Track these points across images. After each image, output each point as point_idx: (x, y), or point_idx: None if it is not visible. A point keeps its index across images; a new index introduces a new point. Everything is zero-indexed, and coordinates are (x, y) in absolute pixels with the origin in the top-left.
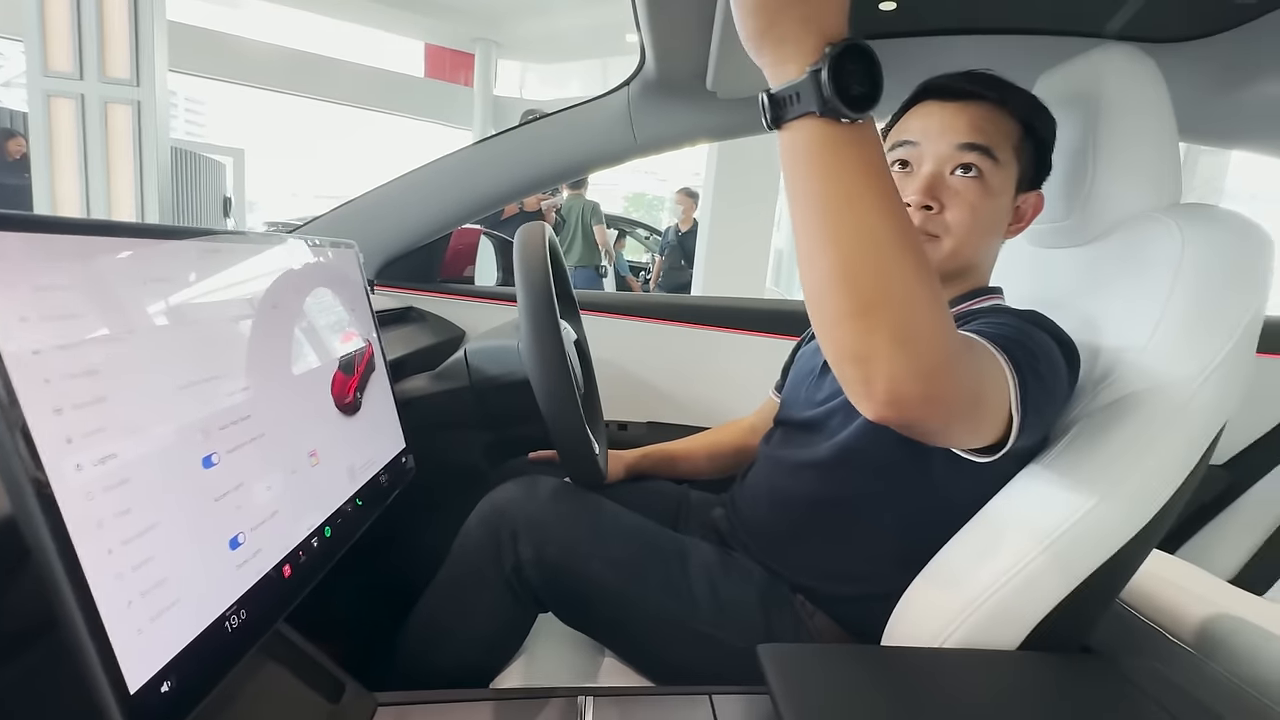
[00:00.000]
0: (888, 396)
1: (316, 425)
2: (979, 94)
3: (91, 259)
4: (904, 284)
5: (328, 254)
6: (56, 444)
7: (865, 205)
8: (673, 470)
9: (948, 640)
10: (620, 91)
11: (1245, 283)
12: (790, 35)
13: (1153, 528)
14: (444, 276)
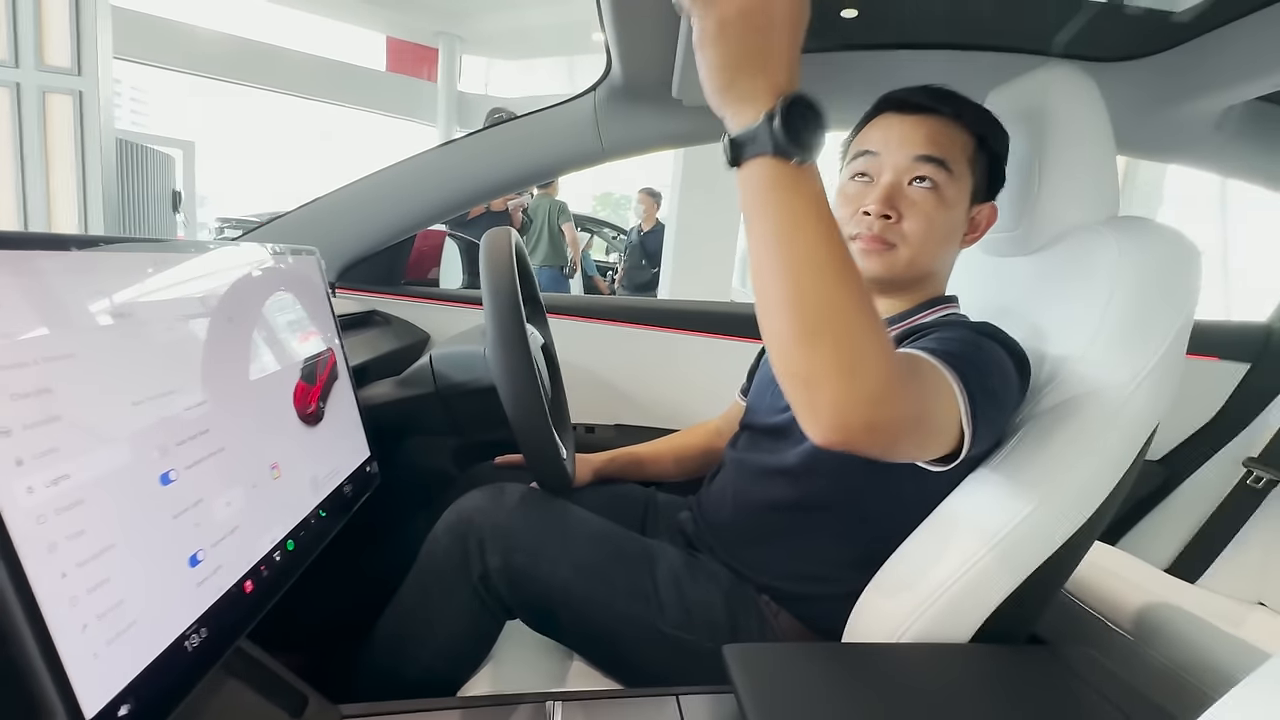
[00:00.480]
0: (832, 422)
1: (278, 437)
2: (935, 108)
3: (37, 274)
4: (845, 309)
5: (288, 261)
6: (6, 466)
7: (810, 235)
8: (640, 473)
9: (904, 635)
10: (587, 96)
11: (1175, 294)
12: (747, 90)
13: (1093, 524)
14: (408, 279)
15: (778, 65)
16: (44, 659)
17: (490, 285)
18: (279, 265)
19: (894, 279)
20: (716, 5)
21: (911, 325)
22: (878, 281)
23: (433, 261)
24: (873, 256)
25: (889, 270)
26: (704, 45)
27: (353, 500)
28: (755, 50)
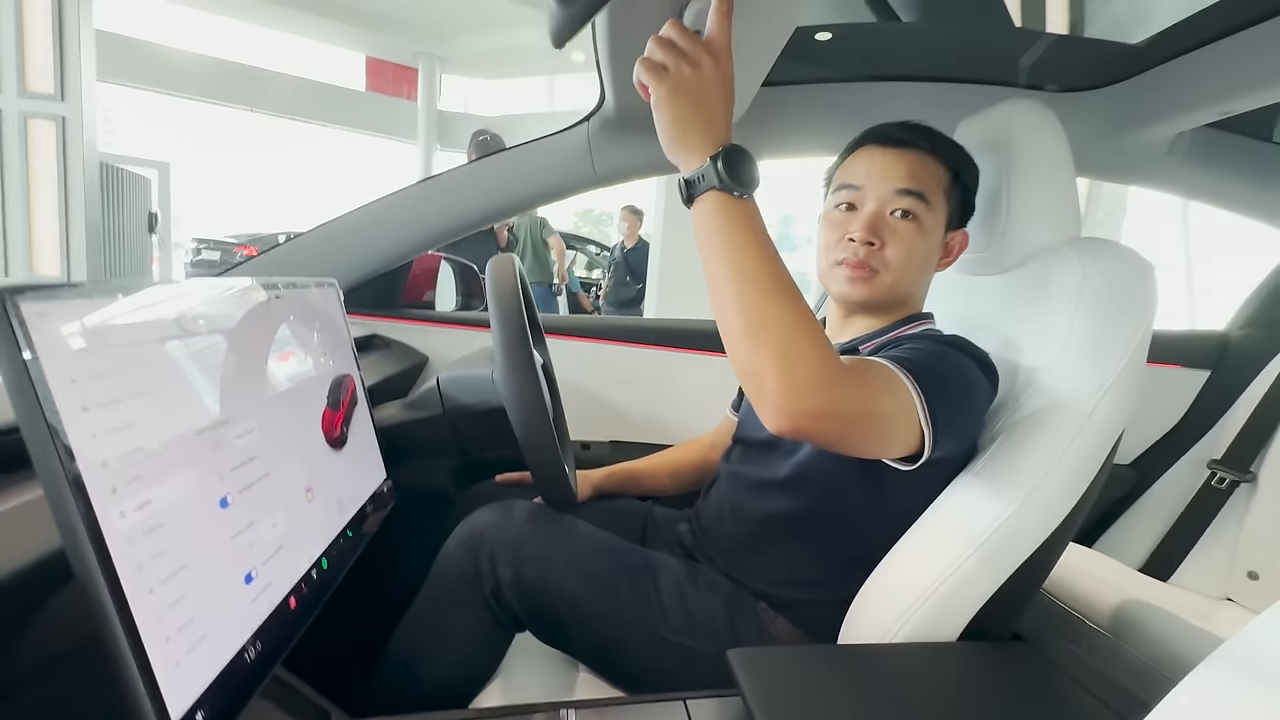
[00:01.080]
0: (778, 407)
1: (311, 461)
2: (915, 143)
3: (117, 320)
4: (779, 311)
5: (314, 294)
6: (104, 494)
7: (750, 253)
8: (637, 488)
9: (895, 636)
10: (581, 126)
11: (1134, 310)
12: (695, 142)
13: (1067, 525)
14: (405, 301)
15: (717, 123)
16: (138, 666)
17: (499, 313)
18: (307, 298)
19: (877, 302)
20: (667, 78)
21: (887, 339)
22: (862, 305)
23: (428, 284)
24: (858, 283)
25: (873, 294)
26: (659, 108)
27: (375, 518)
28: (699, 111)
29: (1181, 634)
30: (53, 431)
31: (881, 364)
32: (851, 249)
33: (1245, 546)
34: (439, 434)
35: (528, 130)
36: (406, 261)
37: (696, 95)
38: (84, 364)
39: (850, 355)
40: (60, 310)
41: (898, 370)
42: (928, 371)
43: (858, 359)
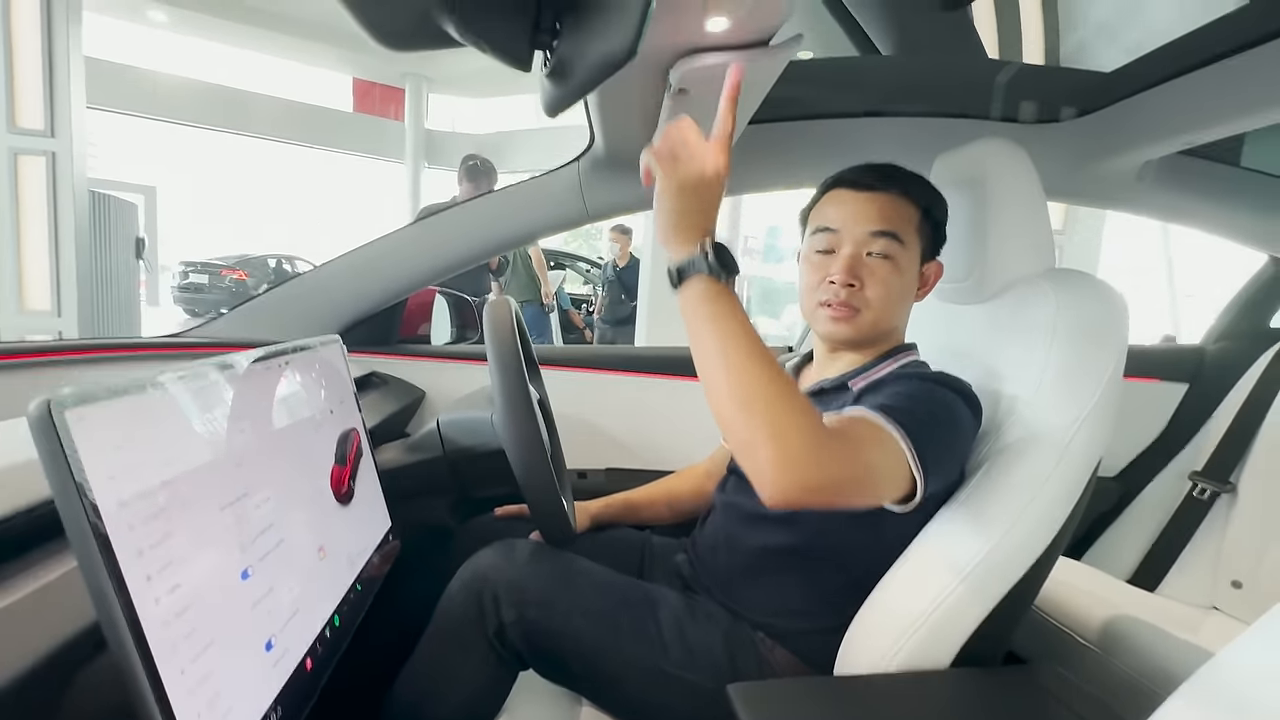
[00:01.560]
0: (774, 482)
1: (322, 521)
2: (884, 186)
3: (145, 412)
4: (766, 387)
5: (320, 353)
6: (140, 583)
7: (737, 334)
8: (634, 518)
9: (890, 665)
10: (571, 166)
11: (1107, 343)
12: (689, 233)
13: (1053, 548)
14: (401, 336)
15: (710, 215)
16: None
17: (497, 358)
18: (314, 359)
19: (861, 339)
20: (675, 173)
21: (874, 378)
22: (846, 342)
23: (423, 317)
24: (842, 323)
25: (857, 332)
26: (662, 196)
27: (381, 568)
28: (696, 205)
29: (1169, 648)
30: (94, 528)
31: (867, 419)
32: (833, 290)
33: (1228, 556)
34: (439, 474)
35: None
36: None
37: (697, 190)
38: (120, 460)
39: (833, 414)
40: (97, 414)
41: (883, 421)
42: (913, 416)
43: (844, 419)
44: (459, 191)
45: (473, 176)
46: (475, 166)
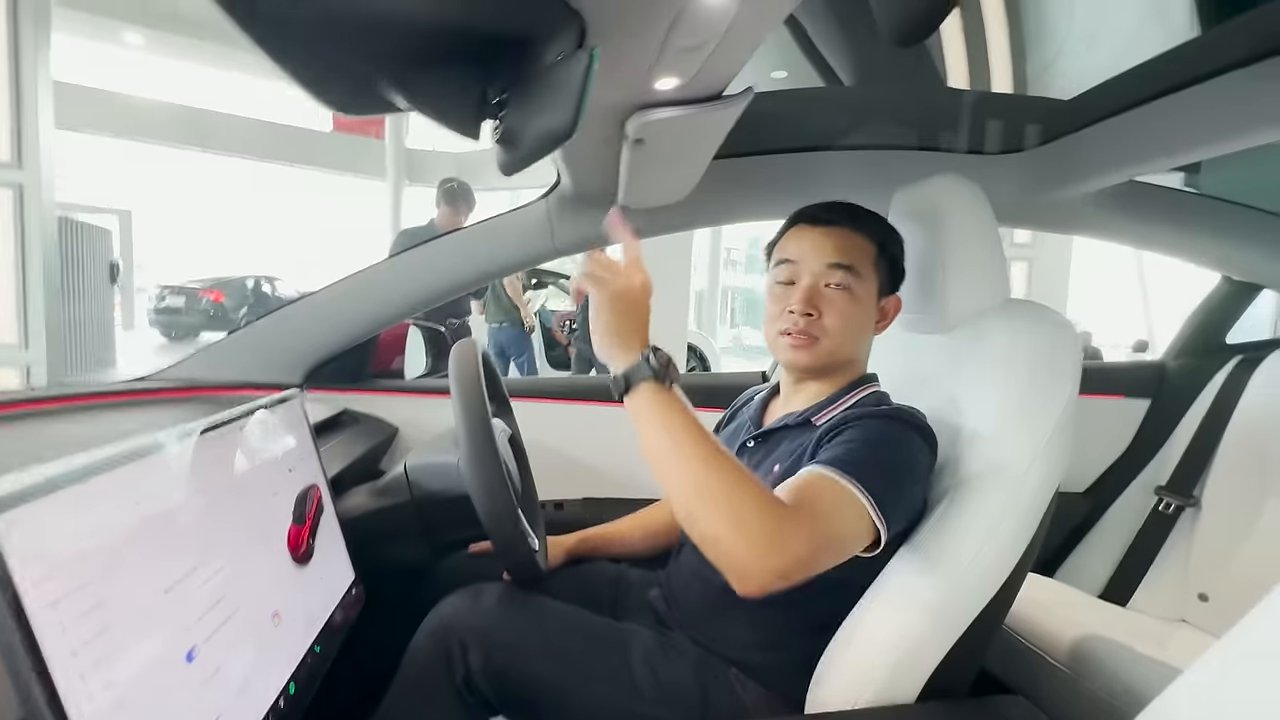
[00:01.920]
0: (742, 573)
1: (277, 585)
2: (840, 221)
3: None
4: (720, 480)
5: (277, 412)
6: (73, 682)
7: (687, 433)
8: (609, 550)
9: (860, 699)
10: (540, 203)
11: (1060, 373)
12: (625, 345)
13: (1017, 573)
14: (374, 371)
15: (642, 327)
16: None
17: (461, 403)
18: (268, 420)
19: (820, 367)
20: (606, 289)
21: (836, 412)
22: (806, 370)
23: (397, 351)
24: (801, 350)
25: (815, 359)
26: (598, 312)
27: (343, 628)
28: (630, 318)
29: (1136, 667)
30: (23, 634)
31: (824, 478)
32: (792, 319)
33: (1194, 569)
34: (408, 519)
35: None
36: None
37: (627, 304)
38: (53, 560)
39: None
40: (30, 515)
41: (840, 478)
42: (868, 465)
43: (802, 484)
44: (437, 214)
45: (450, 199)
46: (453, 189)
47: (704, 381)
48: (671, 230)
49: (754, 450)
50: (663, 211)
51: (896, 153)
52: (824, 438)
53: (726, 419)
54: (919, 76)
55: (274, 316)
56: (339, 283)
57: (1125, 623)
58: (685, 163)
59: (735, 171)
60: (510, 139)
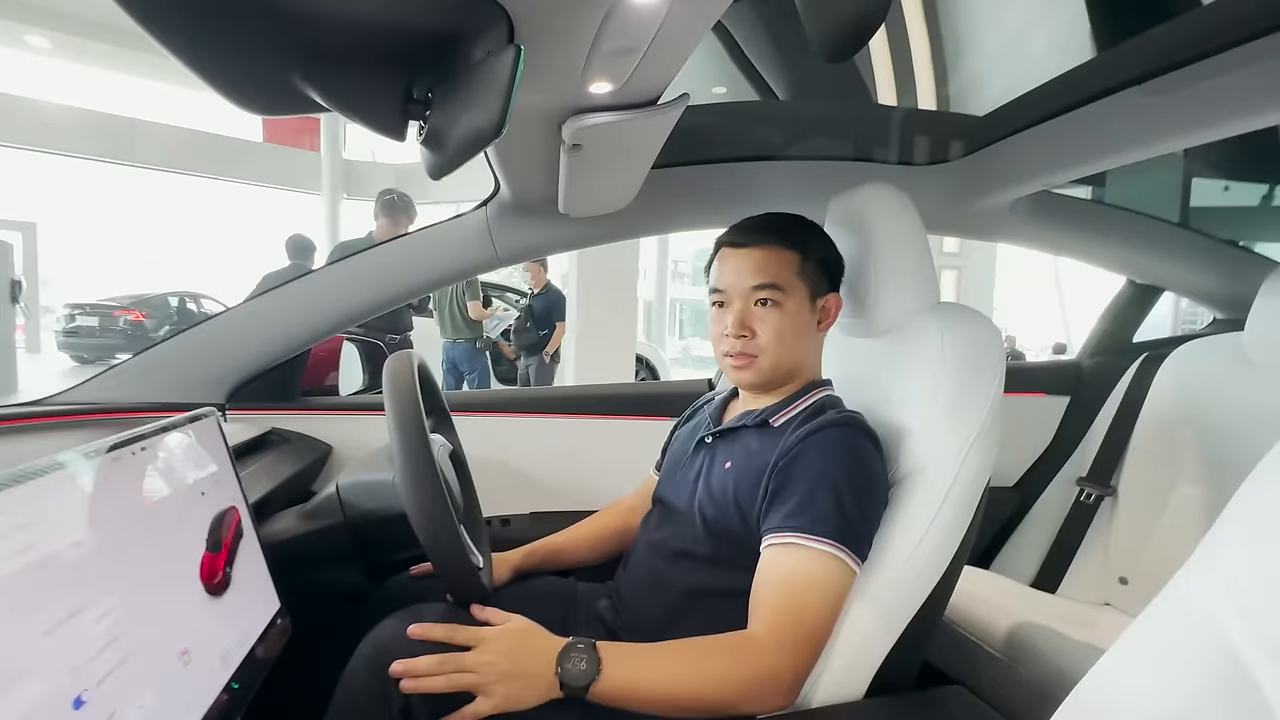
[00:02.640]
0: (770, 708)
1: (186, 620)
2: (759, 240)
3: None
4: (702, 685)
5: (187, 433)
6: None
7: (653, 681)
8: (557, 563)
9: (810, 698)
10: (479, 211)
11: (987, 369)
12: (542, 687)
13: (955, 565)
14: (305, 388)
15: (539, 658)
16: None
17: (396, 418)
18: (176, 442)
19: (765, 381)
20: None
21: (793, 413)
22: (753, 386)
23: (330, 367)
24: (742, 370)
25: (757, 376)
26: (503, 703)
27: (265, 662)
28: (518, 673)
29: (1066, 650)
30: None
31: (800, 557)
32: (730, 343)
33: (1115, 555)
34: (341, 542)
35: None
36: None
37: (509, 675)
38: None
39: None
40: None
41: (814, 544)
42: (838, 514)
43: (775, 569)
44: (375, 227)
45: (390, 211)
46: (392, 201)
47: (652, 390)
48: (614, 239)
49: (711, 446)
50: (605, 220)
51: (832, 163)
52: (778, 464)
53: (686, 417)
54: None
55: (192, 332)
56: (265, 295)
57: (1055, 609)
58: (624, 170)
59: (677, 181)
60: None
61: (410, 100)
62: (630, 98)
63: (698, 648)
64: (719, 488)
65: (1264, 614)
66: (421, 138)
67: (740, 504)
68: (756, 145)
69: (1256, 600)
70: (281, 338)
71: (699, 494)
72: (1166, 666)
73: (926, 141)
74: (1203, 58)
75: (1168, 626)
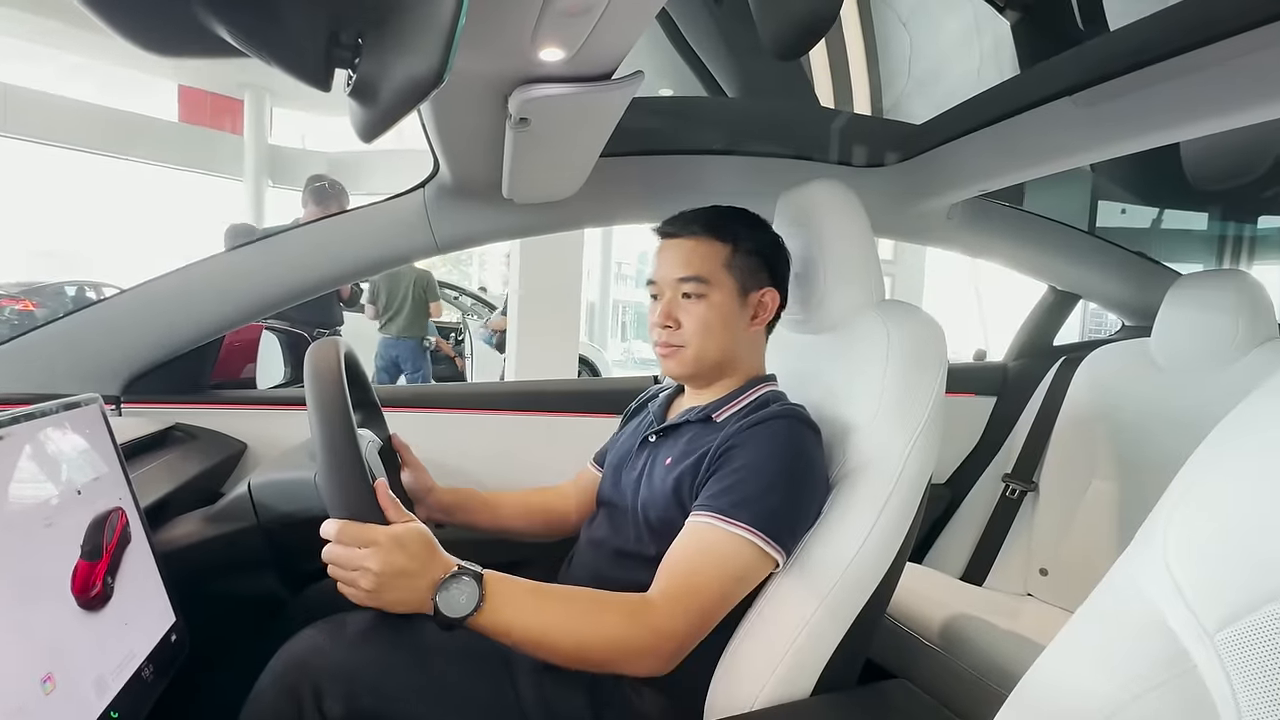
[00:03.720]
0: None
1: (51, 640)
2: (687, 231)
3: None
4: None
5: (61, 421)
6: None
7: (533, 617)
8: (475, 514)
9: (758, 698)
10: (415, 193)
11: (930, 366)
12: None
13: (898, 560)
14: (216, 382)
15: (426, 572)
16: None
17: (319, 409)
18: (46, 431)
19: (691, 373)
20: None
21: (736, 408)
22: (682, 378)
23: (247, 358)
24: (669, 360)
25: (682, 366)
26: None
27: (155, 684)
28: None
29: (996, 640)
30: None
31: (713, 528)
32: (658, 333)
33: (1036, 547)
34: (253, 547)
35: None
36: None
37: (386, 583)
38: None
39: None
40: None
41: (728, 526)
42: (759, 500)
43: (689, 542)
44: (304, 214)
45: (320, 199)
46: (323, 188)
47: (595, 387)
48: (560, 228)
49: (655, 444)
50: (550, 208)
51: (780, 161)
52: (718, 453)
53: (631, 412)
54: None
55: (82, 315)
56: (168, 276)
57: (984, 601)
58: (574, 152)
59: (625, 171)
60: (366, 91)
61: (336, 44)
62: (584, 69)
63: (592, 601)
64: (660, 485)
65: (1196, 596)
66: (349, 88)
67: (681, 499)
68: (705, 138)
69: (1189, 582)
70: (188, 324)
71: (641, 493)
72: (1107, 655)
73: (868, 144)
74: (1133, 69)
75: (1107, 614)
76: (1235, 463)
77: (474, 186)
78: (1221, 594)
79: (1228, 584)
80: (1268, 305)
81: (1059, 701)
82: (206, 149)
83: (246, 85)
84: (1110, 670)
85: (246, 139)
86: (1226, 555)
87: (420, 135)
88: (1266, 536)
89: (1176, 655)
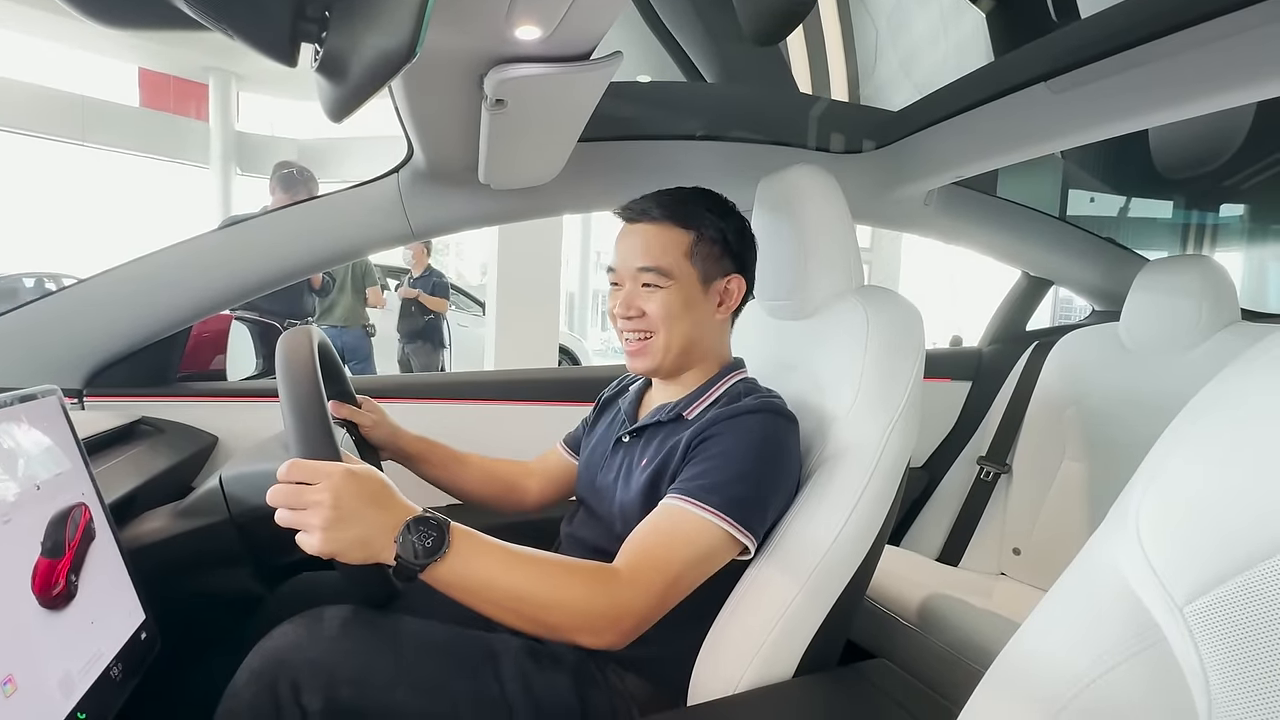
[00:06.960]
0: (604, 644)
1: (9, 641)
2: (647, 216)
3: None
4: (545, 594)
5: (19, 416)
6: None
7: (493, 576)
8: (441, 470)
9: (741, 680)
10: (390, 178)
11: (909, 351)
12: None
13: (878, 542)
14: (185, 374)
15: (384, 515)
16: None
17: (292, 400)
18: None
19: (658, 366)
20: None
21: (706, 403)
22: (652, 373)
23: (216, 349)
24: (638, 356)
25: (654, 361)
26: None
27: (124, 683)
28: (359, 525)
29: (971, 618)
30: None
31: (681, 511)
32: (622, 325)
33: (1009, 528)
34: (226, 543)
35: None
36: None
37: (342, 518)
38: None
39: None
40: None
41: (695, 509)
42: (728, 487)
43: (657, 522)
44: (271, 202)
45: (288, 186)
46: (291, 175)
47: (572, 375)
48: (538, 215)
49: (629, 445)
50: (528, 194)
51: (759, 147)
52: (692, 443)
53: (604, 402)
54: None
55: (41, 304)
56: (132, 264)
57: (959, 580)
58: (552, 135)
59: (604, 157)
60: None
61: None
62: (561, 48)
63: (558, 567)
64: (637, 489)
65: (1167, 570)
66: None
67: (657, 501)
68: (684, 124)
69: (1160, 557)
70: (154, 314)
71: (619, 497)
72: (1080, 629)
73: (846, 131)
74: (1107, 55)
75: (1080, 590)
76: (1204, 441)
77: (450, 171)
78: (1191, 567)
79: (1197, 557)
80: (1230, 289)
81: (1034, 676)
82: (170, 135)
83: (211, 69)
84: (1083, 644)
85: (212, 125)
86: (1196, 530)
87: (390, 123)
88: (1233, 511)
89: (1146, 627)
